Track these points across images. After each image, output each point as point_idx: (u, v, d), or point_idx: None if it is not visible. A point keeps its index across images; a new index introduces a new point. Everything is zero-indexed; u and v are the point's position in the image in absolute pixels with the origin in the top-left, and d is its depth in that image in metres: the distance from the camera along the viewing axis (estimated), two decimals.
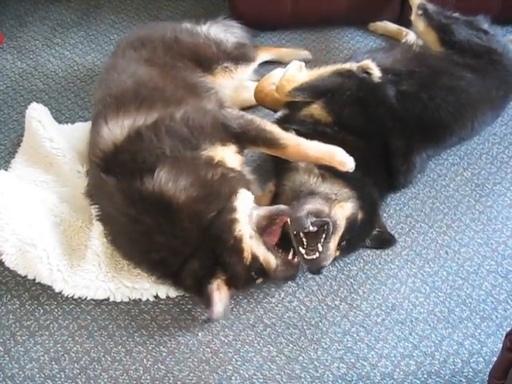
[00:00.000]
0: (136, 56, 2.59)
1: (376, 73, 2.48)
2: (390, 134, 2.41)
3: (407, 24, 3.14)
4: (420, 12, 2.82)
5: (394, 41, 3.23)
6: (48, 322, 2.20)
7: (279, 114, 2.56)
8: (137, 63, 2.53)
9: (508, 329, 1.71)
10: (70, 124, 2.86)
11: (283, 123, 2.41)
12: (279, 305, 2.23)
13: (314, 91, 2.49)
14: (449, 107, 2.49)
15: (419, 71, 2.55)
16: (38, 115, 2.69)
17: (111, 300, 2.23)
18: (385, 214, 2.48)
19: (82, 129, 2.77)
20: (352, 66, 2.52)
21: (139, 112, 2.24)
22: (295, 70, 2.54)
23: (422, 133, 2.47)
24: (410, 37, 3.05)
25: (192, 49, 2.68)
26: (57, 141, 2.59)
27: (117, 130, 2.19)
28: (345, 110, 2.43)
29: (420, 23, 2.81)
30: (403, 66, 2.60)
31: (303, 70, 2.57)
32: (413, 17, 2.87)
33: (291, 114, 2.52)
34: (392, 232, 2.41)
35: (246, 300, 2.24)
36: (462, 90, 2.53)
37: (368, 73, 2.48)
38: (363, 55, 2.71)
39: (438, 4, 2.87)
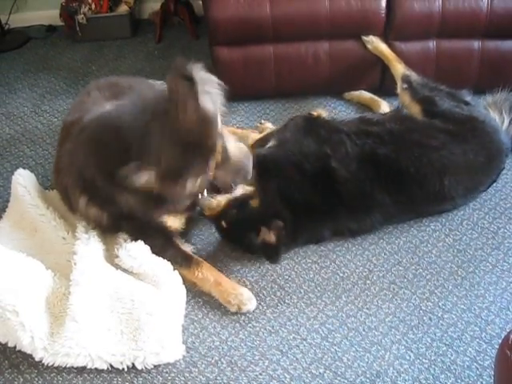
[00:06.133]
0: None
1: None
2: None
3: (387, 93, 3.26)
4: (405, 86, 2.92)
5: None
6: None
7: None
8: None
9: None
10: (55, 190, 2.86)
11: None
12: (263, 373, 2.20)
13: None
14: (416, 162, 2.58)
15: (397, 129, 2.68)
16: (24, 181, 2.71)
17: (89, 367, 2.18)
18: (368, 281, 2.50)
19: None
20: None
21: None
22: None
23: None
24: (384, 106, 3.15)
25: None
26: (42, 207, 2.61)
27: None
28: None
29: (405, 97, 2.90)
30: (384, 125, 2.71)
31: None
32: (398, 90, 2.96)
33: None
34: (375, 298, 2.43)
35: (229, 368, 2.21)
36: (433, 148, 2.63)
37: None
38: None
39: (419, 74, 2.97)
